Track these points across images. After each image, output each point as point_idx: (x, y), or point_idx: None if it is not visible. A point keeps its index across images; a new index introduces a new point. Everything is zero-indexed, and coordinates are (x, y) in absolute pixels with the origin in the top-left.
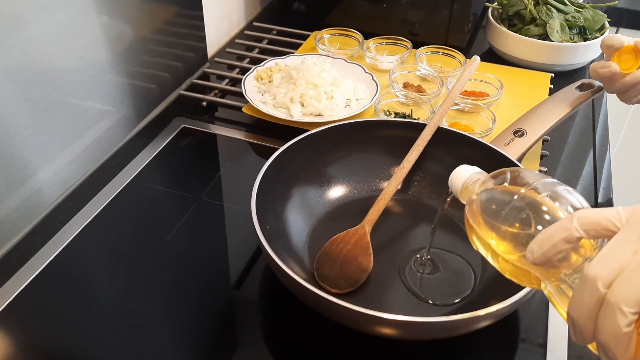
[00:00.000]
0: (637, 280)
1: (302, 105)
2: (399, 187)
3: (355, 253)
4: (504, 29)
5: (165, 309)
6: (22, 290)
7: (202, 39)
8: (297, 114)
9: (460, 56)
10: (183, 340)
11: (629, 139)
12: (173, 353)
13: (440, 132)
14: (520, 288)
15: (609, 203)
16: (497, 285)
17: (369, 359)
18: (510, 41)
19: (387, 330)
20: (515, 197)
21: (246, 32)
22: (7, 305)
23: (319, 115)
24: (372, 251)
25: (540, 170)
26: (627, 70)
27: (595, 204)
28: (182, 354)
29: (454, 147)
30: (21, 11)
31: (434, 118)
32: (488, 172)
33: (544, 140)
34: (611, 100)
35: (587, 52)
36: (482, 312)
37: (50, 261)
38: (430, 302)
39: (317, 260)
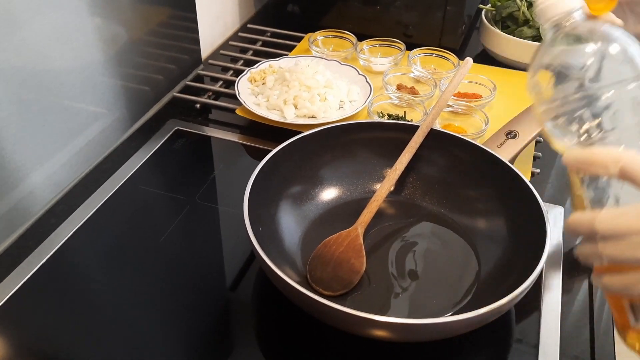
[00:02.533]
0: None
1: (296, 107)
2: (392, 188)
3: (348, 255)
4: (498, 30)
5: (159, 311)
6: (14, 294)
7: (196, 41)
8: (290, 116)
9: (453, 58)
10: (177, 342)
11: None
12: (167, 355)
13: (433, 134)
14: (515, 287)
15: None
16: (491, 283)
17: None
18: (503, 43)
19: (380, 333)
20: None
21: (240, 34)
22: None
23: (312, 117)
24: (365, 253)
25: (533, 173)
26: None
27: None
28: (176, 357)
29: (447, 148)
30: (14, 13)
31: (427, 120)
32: (480, 174)
33: (537, 142)
34: None
35: None
36: (476, 313)
37: (43, 264)
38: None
39: (309, 262)
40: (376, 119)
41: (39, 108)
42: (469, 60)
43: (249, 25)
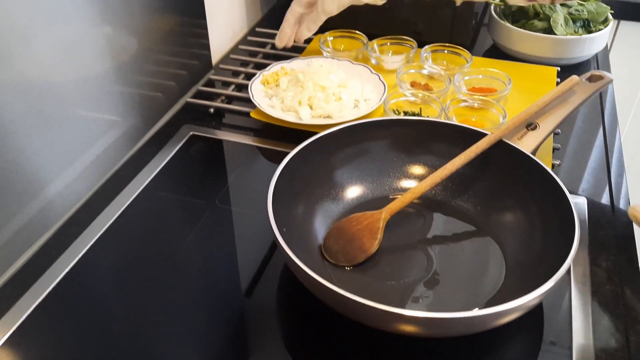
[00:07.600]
0: None
1: (311, 108)
2: (432, 187)
3: (362, 234)
4: (508, 24)
5: (183, 316)
6: (39, 303)
7: (206, 46)
8: (306, 117)
9: (465, 53)
10: (202, 349)
11: (637, 125)
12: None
13: (458, 131)
14: (544, 280)
15: (623, 192)
16: (518, 278)
17: (392, 357)
18: (514, 37)
19: (406, 327)
20: None
21: (249, 37)
22: (25, 319)
23: (328, 117)
24: (380, 237)
25: (553, 165)
26: None
27: (610, 194)
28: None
29: (469, 143)
30: (28, 26)
31: (501, 129)
32: (502, 168)
33: (555, 134)
34: (618, 90)
35: (592, 44)
36: (504, 307)
37: (67, 272)
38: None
39: (329, 231)
40: (393, 116)
41: (56, 119)
42: (574, 78)
43: (257, 29)
